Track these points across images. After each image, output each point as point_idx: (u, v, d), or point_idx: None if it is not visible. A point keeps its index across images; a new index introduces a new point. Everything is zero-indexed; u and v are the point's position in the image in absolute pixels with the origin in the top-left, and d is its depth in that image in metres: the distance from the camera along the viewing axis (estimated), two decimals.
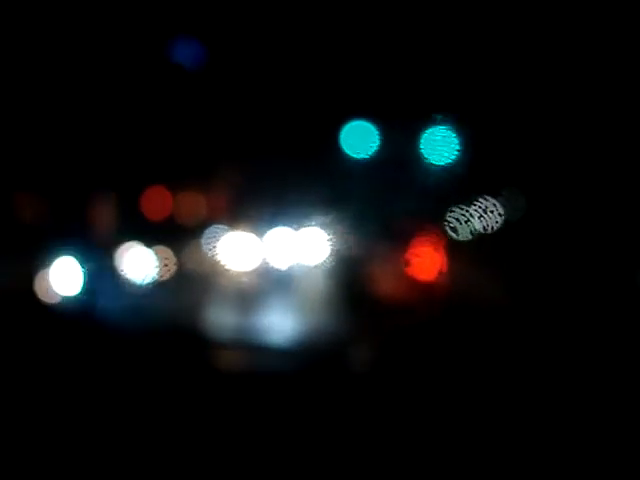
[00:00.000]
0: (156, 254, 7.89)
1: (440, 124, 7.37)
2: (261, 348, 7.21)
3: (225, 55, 7.67)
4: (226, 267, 7.78)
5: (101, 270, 7.66)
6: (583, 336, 6.71)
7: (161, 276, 7.87)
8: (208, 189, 7.86)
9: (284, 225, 7.70)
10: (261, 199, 7.60)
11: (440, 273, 7.42)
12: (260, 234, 7.80)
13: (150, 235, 7.85)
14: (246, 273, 7.78)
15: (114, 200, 7.84)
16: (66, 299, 7.60)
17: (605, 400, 6.21)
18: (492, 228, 7.49)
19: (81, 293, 7.61)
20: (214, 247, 7.80)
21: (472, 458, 6.04)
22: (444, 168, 7.37)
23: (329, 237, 7.49)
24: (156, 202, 7.92)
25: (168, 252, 7.92)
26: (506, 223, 7.49)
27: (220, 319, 7.49)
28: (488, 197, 7.47)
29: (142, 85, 7.65)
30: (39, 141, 7.64)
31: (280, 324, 7.45)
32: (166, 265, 7.83)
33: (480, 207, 7.48)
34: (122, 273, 7.82)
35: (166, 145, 7.69)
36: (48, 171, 7.65)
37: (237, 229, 7.79)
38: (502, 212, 7.50)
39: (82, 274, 7.59)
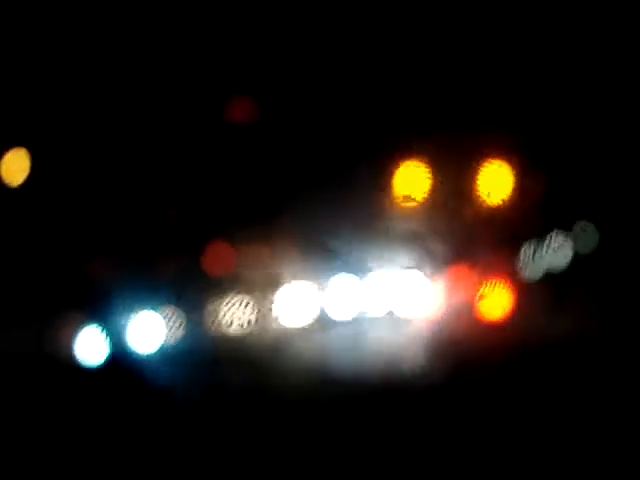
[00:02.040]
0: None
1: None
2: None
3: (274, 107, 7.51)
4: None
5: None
6: None
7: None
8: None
9: (346, 272, 7.41)
10: (319, 244, 7.38)
11: (511, 314, 7.13)
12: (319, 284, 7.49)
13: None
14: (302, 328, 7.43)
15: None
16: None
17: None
18: (564, 264, 7.19)
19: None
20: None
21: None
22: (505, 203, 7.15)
23: (393, 283, 7.26)
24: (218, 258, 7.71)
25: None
26: (577, 258, 7.18)
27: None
28: (559, 232, 7.19)
29: (194, 137, 7.50)
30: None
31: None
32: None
33: (551, 243, 7.20)
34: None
35: (224, 199, 7.51)
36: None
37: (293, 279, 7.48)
38: (573, 247, 7.20)
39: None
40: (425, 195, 7.35)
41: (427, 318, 7.23)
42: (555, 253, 7.22)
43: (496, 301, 7.22)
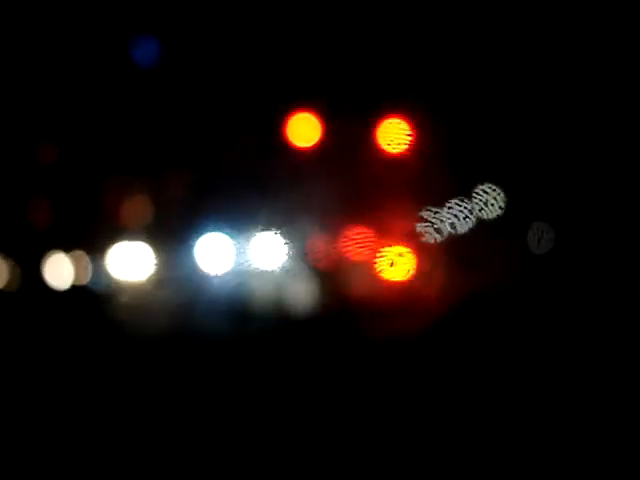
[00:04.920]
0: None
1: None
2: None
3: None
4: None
5: None
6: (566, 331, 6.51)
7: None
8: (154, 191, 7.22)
9: (222, 231, 7.11)
10: (207, 202, 7.04)
11: (415, 274, 6.93)
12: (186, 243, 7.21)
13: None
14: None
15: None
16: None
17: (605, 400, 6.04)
18: (465, 229, 7.06)
19: None
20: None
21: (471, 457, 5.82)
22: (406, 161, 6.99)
23: (290, 240, 6.96)
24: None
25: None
26: (480, 223, 7.07)
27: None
28: (462, 199, 7.07)
29: (93, 83, 7.21)
30: None
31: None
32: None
33: (454, 209, 7.07)
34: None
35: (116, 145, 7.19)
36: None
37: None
38: (475, 213, 7.09)
39: None
40: (317, 148, 7.11)
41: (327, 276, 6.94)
42: (457, 218, 7.08)
43: (395, 262, 7.00)
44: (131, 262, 7.32)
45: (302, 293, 6.96)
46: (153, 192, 7.23)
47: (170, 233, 7.19)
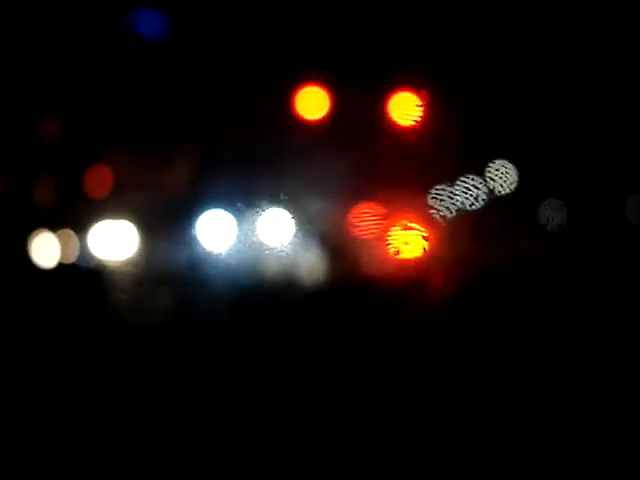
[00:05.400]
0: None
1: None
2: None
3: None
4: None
5: None
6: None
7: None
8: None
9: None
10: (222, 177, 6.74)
11: (428, 253, 6.69)
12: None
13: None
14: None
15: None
16: None
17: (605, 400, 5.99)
18: (476, 205, 6.84)
19: None
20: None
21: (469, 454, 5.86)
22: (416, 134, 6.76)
23: (298, 217, 6.69)
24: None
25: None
26: (492, 200, 6.85)
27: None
28: (472, 175, 6.85)
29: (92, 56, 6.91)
30: None
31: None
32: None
33: (463, 185, 6.84)
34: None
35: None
36: None
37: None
38: (486, 189, 6.87)
39: None
40: (326, 121, 6.84)
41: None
42: (467, 194, 6.85)
43: (407, 239, 6.75)
44: (125, 241, 6.96)
45: (310, 273, 6.68)
46: (151, 167, 6.90)
47: (169, 210, 6.86)
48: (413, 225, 6.74)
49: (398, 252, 6.70)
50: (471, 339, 6.32)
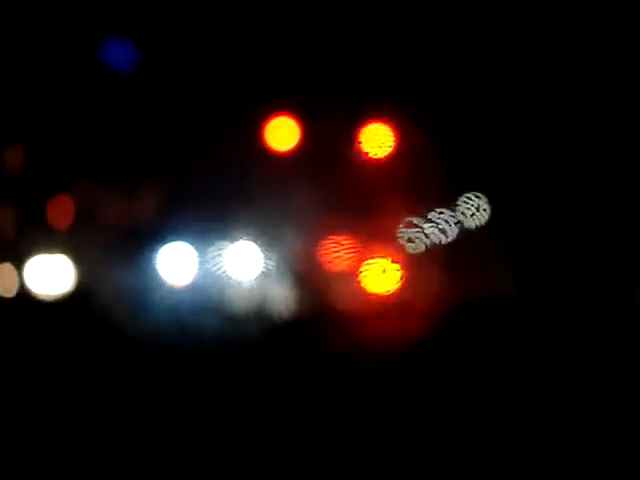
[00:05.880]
0: None
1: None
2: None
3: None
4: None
5: None
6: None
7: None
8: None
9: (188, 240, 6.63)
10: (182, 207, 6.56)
11: (403, 285, 6.57)
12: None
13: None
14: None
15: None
16: None
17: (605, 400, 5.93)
18: (446, 239, 6.74)
19: None
20: None
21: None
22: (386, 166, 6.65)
23: (268, 249, 6.53)
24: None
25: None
26: (462, 231, 6.77)
27: None
28: (442, 209, 6.75)
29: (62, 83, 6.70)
30: None
31: None
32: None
33: (434, 219, 6.74)
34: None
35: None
36: None
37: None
38: (457, 221, 6.78)
39: None
40: (297, 151, 6.71)
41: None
42: (438, 228, 6.75)
43: (379, 274, 6.62)
44: (69, 273, 6.75)
45: (279, 306, 6.51)
46: (117, 196, 6.70)
47: (132, 240, 6.66)
48: (386, 258, 6.61)
49: (373, 285, 6.57)
50: (450, 371, 6.20)
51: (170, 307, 6.43)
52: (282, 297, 6.53)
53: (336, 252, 6.61)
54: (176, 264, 6.69)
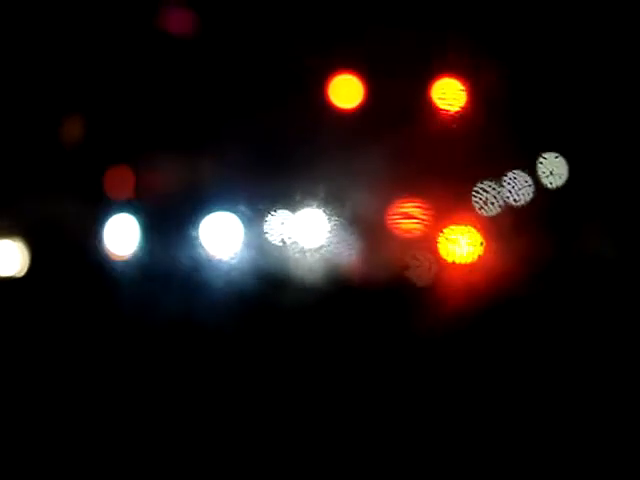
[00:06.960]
0: None
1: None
2: None
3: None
4: None
5: None
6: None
7: None
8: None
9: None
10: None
11: (477, 254, 6.12)
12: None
13: None
14: None
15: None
16: None
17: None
18: (523, 200, 6.30)
19: None
20: None
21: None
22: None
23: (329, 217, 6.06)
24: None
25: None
26: (539, 194, 6.33)
27: None
28: (518, 170, 6.31)
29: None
30: None
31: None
32: None
33: (509, 180, 6.29)
34: None
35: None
36: None
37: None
38: (535, 182, 6.34)
39: None
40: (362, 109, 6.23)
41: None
42: (515, 189, 6.31)
43: (457, 242, 6.17)
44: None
45: (345, 276, 6.07)
46: (161, 161, 6.23)
47: (177, 208, 6.18)
48: (464, 225, 6.16)
49: (448, 254, 6.12)
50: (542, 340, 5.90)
51: (236, 278, 6.06)
52: (351, 268, 6.08)
53: (408, 218, 6.14)
54: (236, 233, 6.22)
